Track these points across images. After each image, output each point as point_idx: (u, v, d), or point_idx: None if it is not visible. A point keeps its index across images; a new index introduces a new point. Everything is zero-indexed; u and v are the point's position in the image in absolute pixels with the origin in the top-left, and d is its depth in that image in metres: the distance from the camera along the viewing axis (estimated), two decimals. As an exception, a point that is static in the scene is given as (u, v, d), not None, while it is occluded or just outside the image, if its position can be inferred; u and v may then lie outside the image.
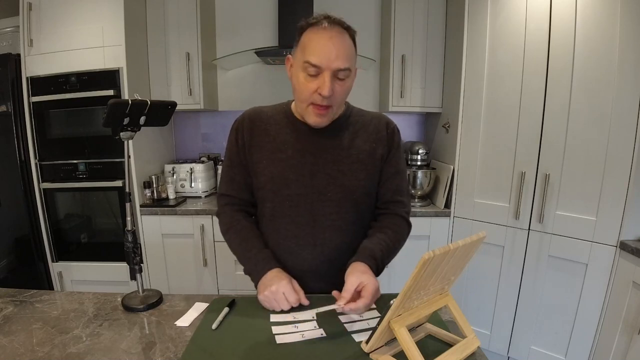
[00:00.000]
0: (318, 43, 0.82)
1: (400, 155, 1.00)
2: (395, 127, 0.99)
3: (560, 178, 1.60)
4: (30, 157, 1.96)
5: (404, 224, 0.99)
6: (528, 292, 1.74)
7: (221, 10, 2.37)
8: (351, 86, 0.90)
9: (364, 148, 0.94)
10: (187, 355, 0.70)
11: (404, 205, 1.00)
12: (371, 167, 0.95)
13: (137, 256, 0.90)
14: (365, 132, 0.96)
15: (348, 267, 0.85)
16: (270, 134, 0.95)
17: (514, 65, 1.67)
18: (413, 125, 2.50)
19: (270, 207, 0.95)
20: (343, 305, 0.74)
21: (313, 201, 0.92)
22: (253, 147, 0.95)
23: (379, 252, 0.89)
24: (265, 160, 0.94)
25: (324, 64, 0.81)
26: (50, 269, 2.06)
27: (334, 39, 0.81)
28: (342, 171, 0.92)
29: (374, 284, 0.78)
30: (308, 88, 0.84)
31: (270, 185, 0.93)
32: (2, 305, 0.90)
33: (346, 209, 0.93)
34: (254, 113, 0.98)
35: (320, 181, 0.92)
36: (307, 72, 0.83)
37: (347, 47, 0.84)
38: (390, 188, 0.98)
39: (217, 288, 2.06)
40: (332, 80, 0.83)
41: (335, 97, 0.85)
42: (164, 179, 2.15)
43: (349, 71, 0.85)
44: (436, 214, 1.96)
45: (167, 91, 2.14)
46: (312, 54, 0.81)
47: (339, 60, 0.81)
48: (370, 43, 2.37)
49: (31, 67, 1.89)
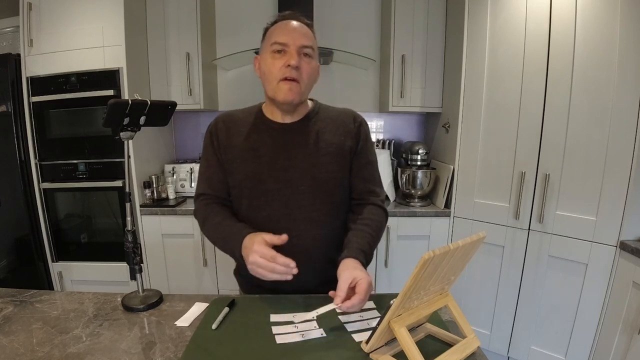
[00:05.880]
0: (283, 28, 0.92)
1: (369, 147, 1.03)
2: (362, 120, 1.03)
3: (560, 178, 1.60)
4: (30, 157, 1.96)
5: (380, 212, 1.01)
6: (528, 292, 1.74)
7: (221, 10, 2.37)
8: (316, 71, 0.97)
9: (333, 141, 0.98)
10: (187, 355, 0.70)
11: (377, 194, 1.03)
12: (341, 159, 0.98)
13: (137, 256, 0.90)
14: (334, 126, 1.00)
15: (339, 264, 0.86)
16: (242, 134, 0.99)
17: (514, 65, 1.67)
18: (413, 125, 2.50)
19: (246, 204, 0.99)
20: (339, 304, 0.74)
21: (288, 195, 0.95)
22: (227, 148, 0.99)
23: (367, 244, 0.92)
24: (239, 159, 0.98)
25: (289, 41, 0.90)
26: (50, 269, 2.06)
27: (296, 24, 0.93)
28: (314, 164, 0.96)
29: (367, 279, 0.79)
30: (276, 65, 0.90)
31: (246, 182, 0.97)
32: (2, 305, 0.90)
33: (320, 201, 0.96)
34: (227, 116, 1.04)
35: (294, 175, 0.95)
36: (274, 52, 0.91)
37: (309, 32, 0.94)
38: (363, 178, 1.01)
39: (217, 288, 2.06)
40: (299, 56, 0.90)
41: (302, 74, 0.91)
42: (164, 179, 2.15)
43: (312, 50, 0.93)
44: (436, 214, 1.96)
45: (167, 91, 2.14)
46: (277, 36, 0.91)
47: (303, 38, 0.91)
48: (370, 43, 2.38)
49: (31, 67, 1.89)
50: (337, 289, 0.77)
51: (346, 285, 0.77)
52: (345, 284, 0.77)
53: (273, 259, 0.79)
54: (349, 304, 0.74)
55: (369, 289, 0.78)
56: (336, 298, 0.75)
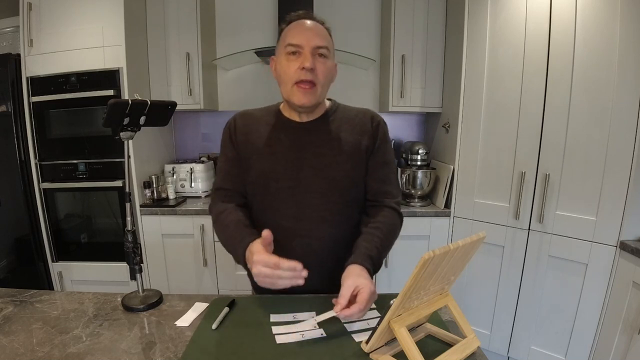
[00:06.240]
0: (296, 28, 0.91)
1: (386, 147, 1.01)
2: (381, 120, 1.01)
3: (560, 178, 1.60)
4: (30, 157, 1.96)
5: (394, 215, 0.99)
6: (528, 292, 1.74)
7: (221, 10, 2.37)
8: (333, 70, 0.96)
9: (349, 140, 0.97)
10: (187, 355, 0.70)
11: (392, 195, 1.00)
12: (356, 158, 0.97)
13: (137, 256, 0.90)
14: (350, 125, 0.99)
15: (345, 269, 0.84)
16: (260, 131, 0.99)
17: (514, 65, 1.67)
18: (413, 125, 2.50)
19: (259, 201, 0.99)
20: (339, 311, 0.73)
21: (300, 194, 0.95)
22: (245, 144, 0.99)
23: (375, 249, 0.90)
24: (255, 155, 0.98)
25: (303, 42, 0.89)
26: (50, 269, 2.06)
27: (311, 24, 0.92)
28: (326, 163, 0.95)
29: (369, 288, 0.76)
30: (291, 67, 0.90)
31: (260, 179, 0.97)
32: (2, 305, 0.90)
33: (332, 201, 0.95)
34: (245, 114, 1.04)
35: (307, 174, 0.95)
36: (288, 53, 0.90)
37: (324, 31, 0.93)
38: (378, 178, 0.99)
39: (217, 288, 2.06)
40: (313, 57, 0.89)
41: (317, 75, 0.90)
42: (164, 179, 2.15)
43: (327, 50, 0.91)
44: (436, 214, 1.96)
45: (167, 91, 2.14)
46: (292, 37, 0.90)
47: (317, 38, 0.90)
48: (370, 43, 2.38)
49: (31, 67, 1.89)
50: (339, 296, 0.76)
51: (348, 292, 0.75)
52: (347, 291, 0.76)
53: (277, 265, 0.75)
54: (347, 312, 0.73)
55: (371, 298, 0.76)
56: (336, 305, 0.74)
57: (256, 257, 0.78)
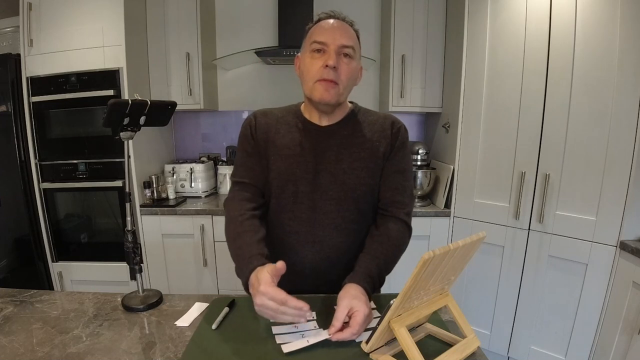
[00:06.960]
0: (323, 27, 0.90)
1: (404, 155, 0.98)
2: (402, 127, 0.98)
3: (560, 178, 1.60)
4: (30, 157, 1.96)
5: (403, 229, 0.95)
6: (528, 292, 1.74)
7: (221, 10, 2.37)
8: (357, 72, 0.94)
9: (367, 145, 0.95)
10: (187, 355, 0.70)
11: (404, 205, 0.97)
12: (373, 164, 0.94)
13: (137, 256, 0.90)
14: (370, 130, 0.96)
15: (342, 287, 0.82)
16: (280, 132, 0.97)
17: (514, 65, 1.67)
18: (413, 125, 2.50)
19: (275, 203, 0.97)
20: (332, 335, 0.72)
21: (315, 199, 0.93)
22: (266, 142, 0.97)
23: (375, 267, 0.87)
24: (273, 156, 0.95)
25: (329, 40, 0.87)
26: (50, 269, 2.06)
27: (338, 23, 0.91)
28: (343, 169, 0.93)
29: (364, 311, 0.74)
30: (314, 65, 0.88)
31: (277, 180, 0.95)
32: (2, 305, 0.90)
33: (347, 208, 0.93)
34: (265, 112, 1.01)
35: (324, 179, 0.93)
36: (313, 51, 0.89)
37: (351, 32, 0.92)
38: (391, 187, 0.96)
39: (217, 288, 2.06)
40: (338, 56, 0.88)
41: (340, 75, 0.88)
42: (164, 179, 2.15)
43: (352, 50, 0.90)
44: (436, 214, 1.96)
45: (167, 91, 2.14)
46: (318, 35, 0.89)
47: (343, 38, 0.88)
48: (370, 43, 2.37)
49: (31, 67, 1.89)
50: (333, 319, 0.74)
51: (343, 315, 0.74)
52: (342, 314, 0.74)
53: (284, 302, 0.71)
54: (340, 336, 0.72)
55: (365, 322, 0.74)
56: (330, 328, 0.73)
57: (263, 288, 0.72)
